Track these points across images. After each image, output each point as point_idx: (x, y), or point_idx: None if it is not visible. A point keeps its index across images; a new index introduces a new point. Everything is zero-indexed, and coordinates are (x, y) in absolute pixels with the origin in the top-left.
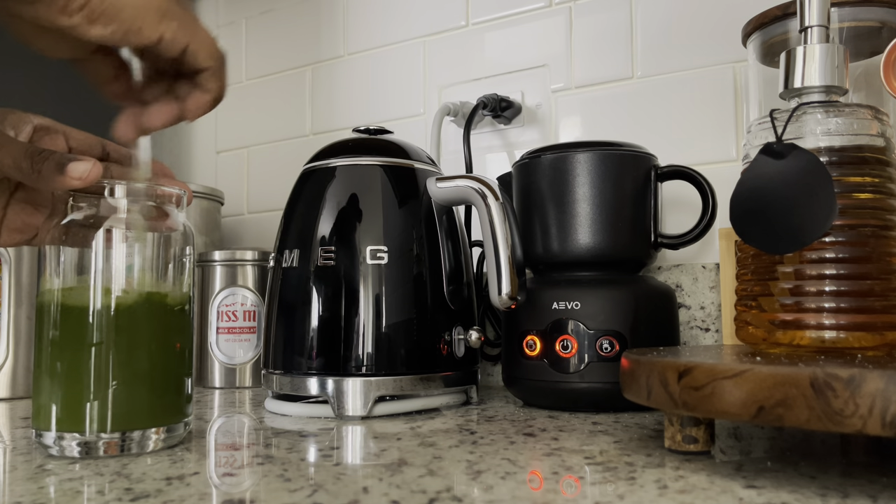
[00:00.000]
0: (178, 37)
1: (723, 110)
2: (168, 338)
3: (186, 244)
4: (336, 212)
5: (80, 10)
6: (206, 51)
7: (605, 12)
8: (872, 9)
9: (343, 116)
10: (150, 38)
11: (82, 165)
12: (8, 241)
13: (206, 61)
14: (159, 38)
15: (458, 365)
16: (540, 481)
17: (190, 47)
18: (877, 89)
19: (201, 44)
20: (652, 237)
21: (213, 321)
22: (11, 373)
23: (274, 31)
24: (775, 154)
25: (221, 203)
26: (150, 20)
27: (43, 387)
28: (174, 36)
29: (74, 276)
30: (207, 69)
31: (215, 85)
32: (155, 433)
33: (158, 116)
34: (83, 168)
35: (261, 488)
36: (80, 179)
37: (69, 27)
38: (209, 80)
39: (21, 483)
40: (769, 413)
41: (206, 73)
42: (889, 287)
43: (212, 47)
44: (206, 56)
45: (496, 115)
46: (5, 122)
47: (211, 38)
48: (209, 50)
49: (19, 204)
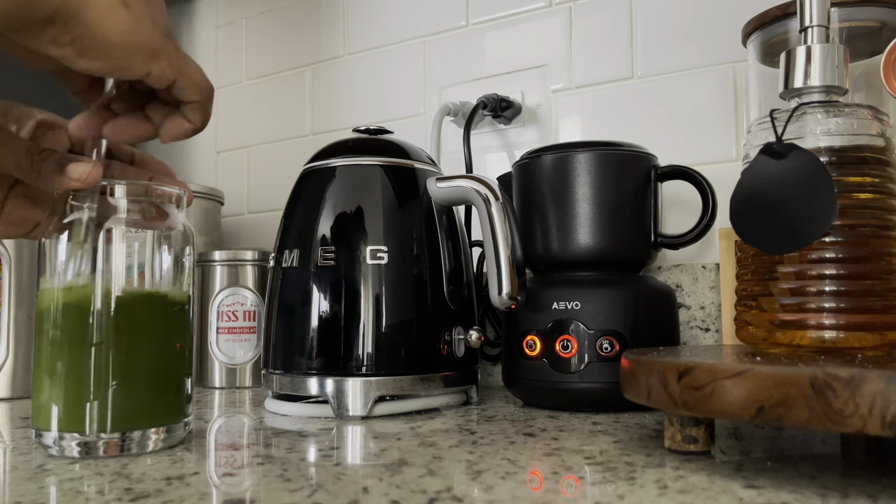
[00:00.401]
0: (165, 73)
1: (723, 110)
2: (168, 338)
3: (186, 244)
4: (336, 212)
5: (70, 43)
6: (194, 86)
7: (605, 12)
8: (872, 9)
9: (343, 116)
10: (137, 74)
11: (82, 167)
12: (5, 234)
13: (193, 96)
14: (147, 73)
15: (458, 365)
16: (540, 481)
17: (177, 83)
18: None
19: (189, 79)
20: (652, 237)
21: (213, 321)
22: (11, 373)
23: (274, 31)
24: (775, 154)
25: (221, 203)
26: (139, 58)
27: (43, 387)
28: (162, 73)
29: (74, 276)
30: (193, 103)
31: (198, 117)
32: (155, 433)
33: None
34: (82, 170)
35: (261, 488)
36: (79, 181)
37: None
38: (193, 112)
39: (21, 483)
40: (769, 413)
41: (191, 105)
42: (889, 287)
43: (200, 82)
44: (193, 91)
45: (496, 115)
46: (9, 115)
47: (199, 73)
48: (197, 85)
49: (18, 198)
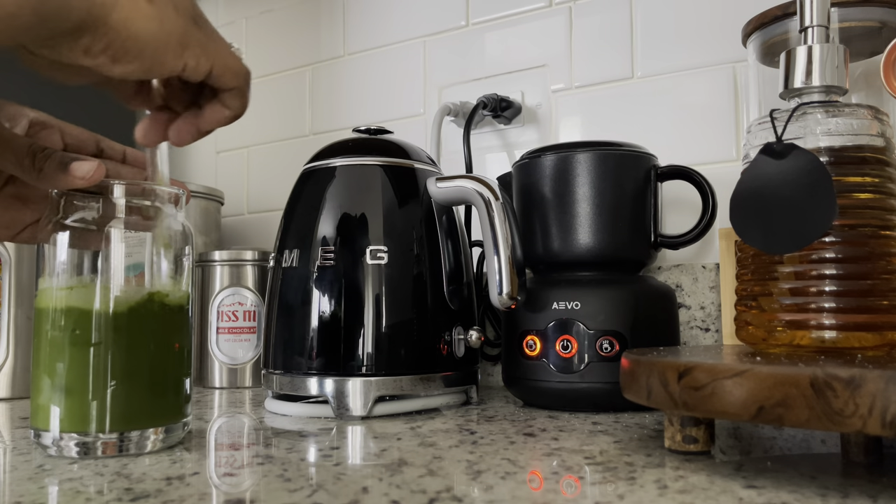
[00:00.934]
0: (200, 63)
1: (723, 110)
2: (167, 338)
3: (186, 244)
4: (336, 212)
5: (102, 52)
6: (231, 72)
7: (605, 12)
8: (872, 9)
9: (343, 116)
10: (173, 69)
11: (87, 165)
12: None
13: (231, 82)
14: (183, 67)
15: (458, 365)
16: (540, 481)
17: (214, 71)
18: (877, 89)
19: (225, 65)
20: (652, 237)
21: (213, 321)
22: (11, 373)
23: (274, 31)
24: (775, 154)
25: (221, 203)
26: (172, 52)
27: (41, 387)
28: (197, 63)
29: (73, 276)
30: (232, 89)
31: (238, 103)
32: (153, 433)
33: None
34: (87, 168)
35: (261, 488)
36: (83, 179)
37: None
38: (233, 99)
39: (21, 483)
40: (769, 413)
41: (230, 93)
42: (889, 287)
43: (236, 67)
44: (231, 77)
45: (496, 115)
46: (1, 113)
47: (234, 58)
48: (234, 70)
49: (8, 199)
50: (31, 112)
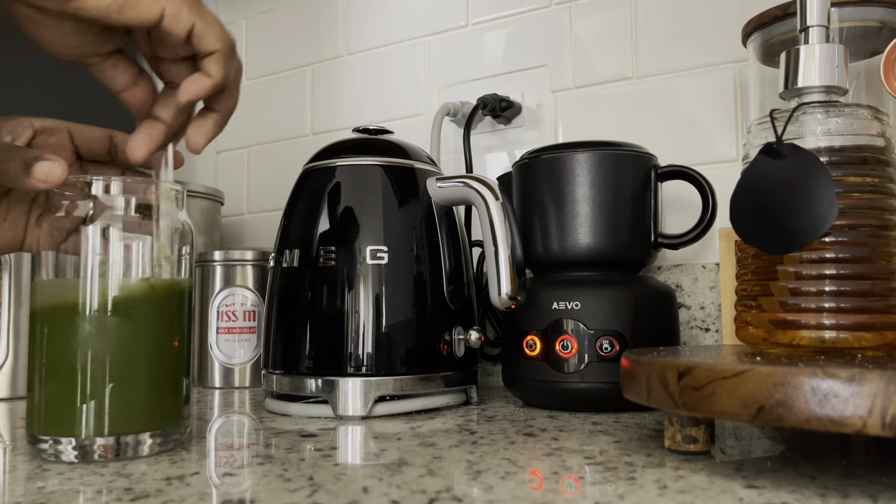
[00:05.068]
0: (181, 15)
1: (723, 110)
2: (166, 339)
3: (185, 243)
4: (336, 212)
5: None
6: (214, 32)
7: (606, 12)
8: (872, 9)
9: (343, 116)
10: (149, 11)
11: (45, 165)
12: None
13: (213, 44)
14: (160, 13)
15: (458, 365)
16: (540, 481)
17: (196, 28)
18: (877, 89)
19: (207, 24)
20: (652, 237)
21: (212, 321)
22: (11, 373)
23: (274, 31)
24: (775, 154)
25: (221, 203)
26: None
27: (37, 390)
28: (176, 13)
29: (71, 276)
30: (214, 52)
31: (218, 70)
32: (151, 436)
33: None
34: (45, 168)
35: (261, 488)
36: (43, 181)
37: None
38: (213, 64)
39: (21, 483)
40: (769, 413)
41: (211, 57)
42: (889, 287)
43: (219, 29)
44: (213, 38)
45: (496, 115)
46: (2, 129)
47: (217, 21)
48: (216, 31)
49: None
50: (36, 122)
